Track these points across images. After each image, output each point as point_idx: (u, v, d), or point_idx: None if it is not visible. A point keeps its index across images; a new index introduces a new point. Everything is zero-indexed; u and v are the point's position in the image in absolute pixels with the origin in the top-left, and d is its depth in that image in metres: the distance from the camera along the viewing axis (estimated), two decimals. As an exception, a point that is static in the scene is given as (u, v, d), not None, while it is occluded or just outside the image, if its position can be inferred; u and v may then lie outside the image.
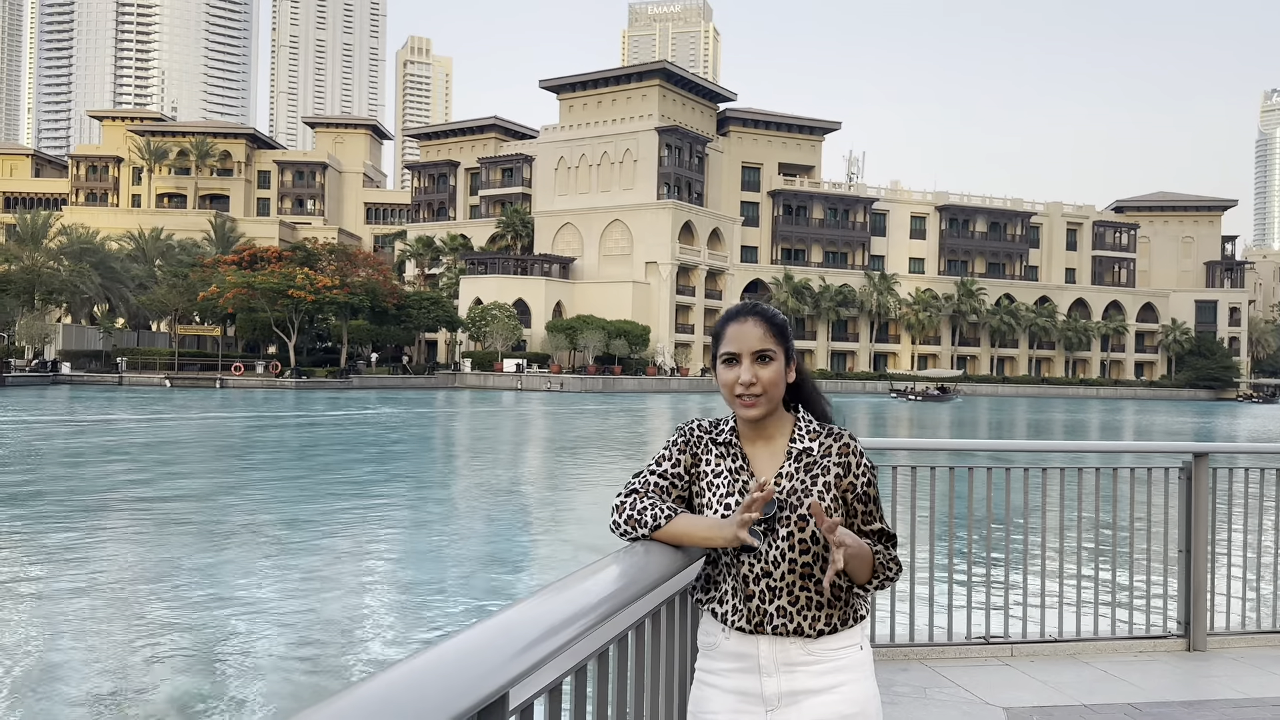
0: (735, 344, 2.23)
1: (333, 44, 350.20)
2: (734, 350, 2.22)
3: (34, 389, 66.39)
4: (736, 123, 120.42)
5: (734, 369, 2.22)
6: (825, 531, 1.99)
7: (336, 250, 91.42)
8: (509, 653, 1.33)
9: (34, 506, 16.93)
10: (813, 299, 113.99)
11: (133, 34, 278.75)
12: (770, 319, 2.26)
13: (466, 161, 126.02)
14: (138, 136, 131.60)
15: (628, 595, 1.79)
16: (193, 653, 8.74)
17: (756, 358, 2.21)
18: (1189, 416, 69.46)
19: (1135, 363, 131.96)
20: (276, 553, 13.30)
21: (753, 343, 2.21)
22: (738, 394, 2.21)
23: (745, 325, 2.24)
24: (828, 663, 2.15)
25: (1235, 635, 6.13)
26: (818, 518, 2.00)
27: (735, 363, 2.22)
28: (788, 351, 2.26)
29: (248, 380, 79.18)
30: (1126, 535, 6.19)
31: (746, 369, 2.20)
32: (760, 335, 2.22)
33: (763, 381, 2.19)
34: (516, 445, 33.44)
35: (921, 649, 5.63)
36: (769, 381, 2.20)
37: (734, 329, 2.25)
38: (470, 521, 16.74)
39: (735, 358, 2.22)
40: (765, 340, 2.22)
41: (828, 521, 1.99)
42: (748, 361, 2.20)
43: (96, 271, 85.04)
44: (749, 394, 2.19)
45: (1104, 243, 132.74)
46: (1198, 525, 5.98)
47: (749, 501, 2.00)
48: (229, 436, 33.10)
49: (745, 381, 2.19)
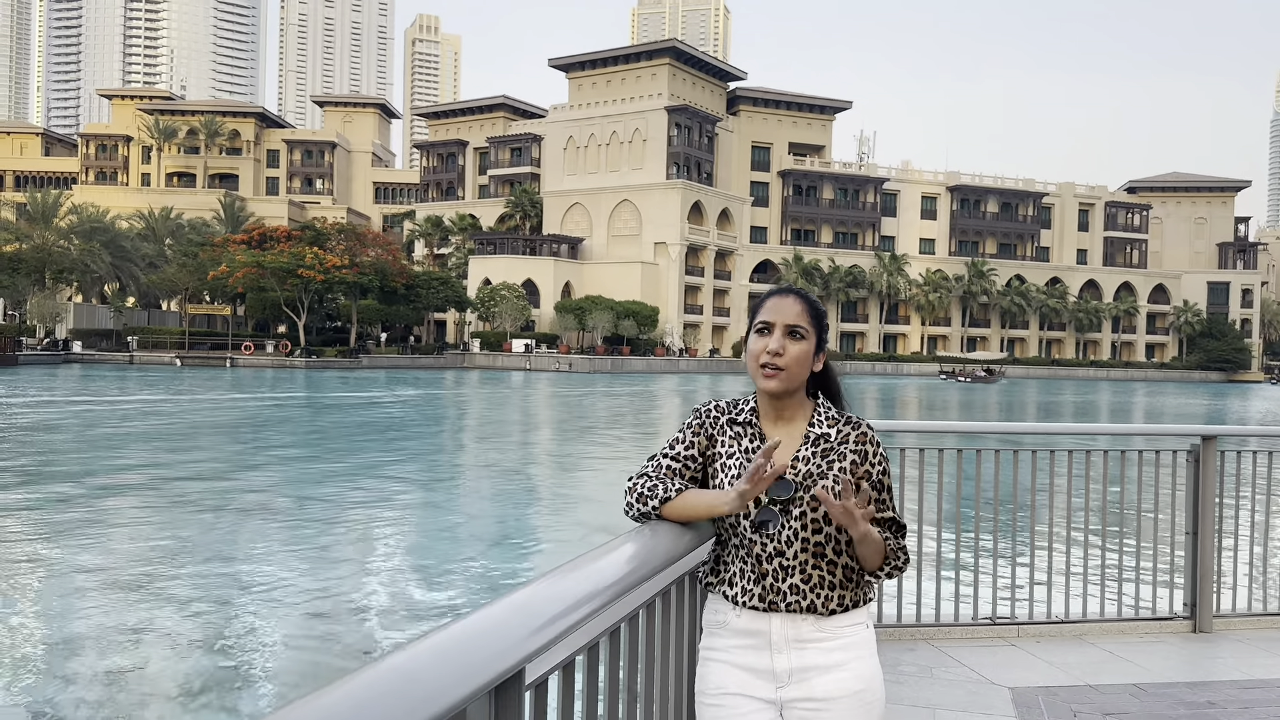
0: (772, 314, 2.29)
1: (341, 22, 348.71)
2: (769, 319, 2.28)
3: (45, 368, 66.76)
4: (747, 102, 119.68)
5: (765, 338, 2.27)
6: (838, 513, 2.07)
7: (346, 230, 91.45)
8: (525, 630, 1.36)
9: (47, 487, 17.08)
10: (822, 280, 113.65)
11: (141, 12, 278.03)
12: (808, 301, 2.32)
13: (475, 141, 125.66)
14: (147, 115, 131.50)
15: (639, 575, 1.82)
16: (206, 631, 8.85)
17: (789, 331, 2.26)
18: (1201, 398, 69.18)
19: (1146, 344, 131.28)
20: (288, 532, 13.42)
21: (789, 316, 2.27)
22: (763, 363, 2.25)
23: (785, 300, 2.30)
24: (837, 639, 2.19)
25: (1241, 617, 6.16)
26: (826, 502, 2.07)
27: (768, 332, 2.27)
28: (820, 339, 2.31)
29: (258, 360, 79.44)
30: (1134, 517, 6.20)
31: (777, 338, 2.25)
32: (798, 311, 2.28)
33: (789, 355, 2.24)
34: (526, 426, 33.53)
35: (928, 629, 5.67)
36: (794, 358, 2.24)
37: (774, 301, 2.31)
38: (482, 502, 16.84)
39: (769, 327, 2.27)
40: (801, 317, 2.27)
41: (836, 505, 2.07)
42: (779, 332, 2.25)
43: (107, 250, 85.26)
44: (774, 364, 2.24)
45: (1116, 223, 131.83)
46: (1205, 508, 5.99)
47: (754, 468, 2.03)
48: (241, 416, 33.26)
49: (773, 350, 2.24)
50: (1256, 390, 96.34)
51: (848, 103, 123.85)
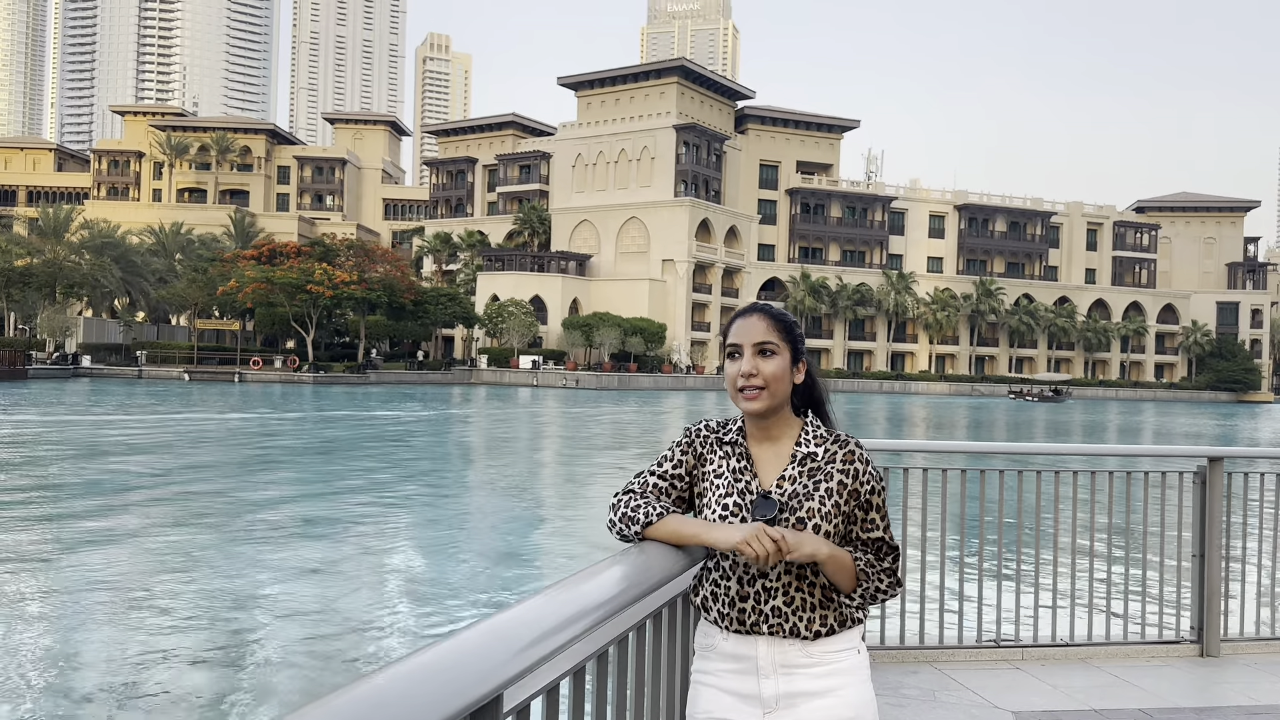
0: (739, 336, 2.27)
1: (353, 40, 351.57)
2: (737, 342, 2.27)
3: (55, 382, 67.04)
4: (755, 120, 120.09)
5: (737, 362, 2.25)
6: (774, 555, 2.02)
7: (355, 246, 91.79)
8: (504, 654, 1.34)
9: (54, 502, 17.10)
10: (830, 298, 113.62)
11: (155, 30, 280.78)
12: (774, 315, 2.29)
13: (484, 158, 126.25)
14: (159, 131, 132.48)
15: (627, 597, 1.79)
16: (203, 646, 8.81)
17: (758, 350, 2.23)
18: (1210, 418, 68.78)
19: (1155, 364, 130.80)
20: (289, 547, 13.39)
21: (755, 335, 2.25)
22: (740, 387, 2.23)
23: (750, 319, 2.28)
24: (826, 665, 2.15)
25: (1249, 641, 6.08)
26: (751, 553, 2.02)
27: (738, 355, 2.26)
28: (794, 350, 2.27)
29: (266, 375, 79.63)
30: (1140, 538, 6.14)
31: (747, 360, 2.23)
32: (763, 329, 2.25)
33: (764, 374, 2.22)
34: (532, 443, 33.50)
35: (931, 651, 5.61)
36: (770, 375, 2.22)
37: (739, 323, 2.30)
38: (485, 518, 16.79)
39: (739, 350, 2.26)
40: (768, 334, 2.24)
41: (769, 548, 2.02)
42: (749, 353, 2.24)
43: (117, 265, 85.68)
44: (750, 385, 2.22)
45: (1124, 243, 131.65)
46: (1212, 530, 5.93)
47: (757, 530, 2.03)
48: (248, 432, 33.31)
49: (745, 372, 2.22)
50: (1267, 411, 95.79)
51: (855, 122, 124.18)
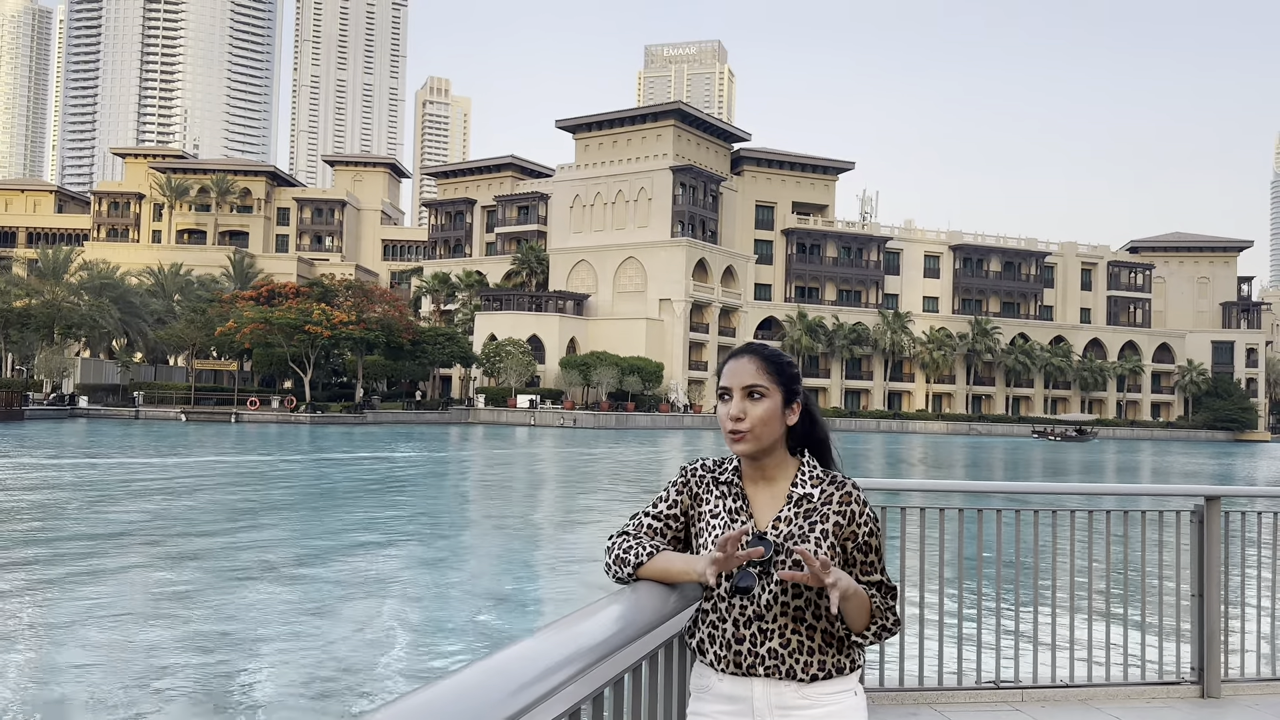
0: (729, 379, 2.27)
1: (353, 84, 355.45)
2: (727, 385, 2.27)
3: (51, 423, 66.81)
4: (751, 162, 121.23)
5: (727, 404, 2.26)
6: (818, 571, 1.98)
7: (353, 286, 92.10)
8: (500, 694, 1.32)
9: (48, 545, 16.98)
10: (826, 337, 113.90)
11: (157, 73, 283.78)
12: (766, 356, 2.28)
13: (483, 199, 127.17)
14: (159, 173, 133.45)
15: (623, 638, 1.79)
16: (199, 689, 8.72)
17: (747, 393, 2.23)
18: (1208, 457, 68.69)
19: (1152, 403, 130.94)
20: (285, 589, 13.29)
21: (744, 378, 2.25)
22: (728, 429, 2.24)
23: (740, 361, 2.28)
24: (823, 707, 2.13)
25: (1250, 682, 6.03)
26: (807, 561, 2.00)
27: (728, 398, 2.26)
28: (788, 392, 2.26)
29: (263, 415, 79.44)
30: (1139, 579, 6.11)
31: (736, 403, 2.23)
32: (753, 371, 2.25)
33: (751, 417, 2.21)
34: (529, 482, 33.37)
35: (931, 693, 5.57)
36: (758, 418, 2.21)
37: (730, 365, 2.29)
38: (482, 560, 16.69)
39: (728, 392, 2.26)
40: (757, 376, 2.24)
41: (818, 561, 1.99)
42: (738, 396, 2.24)
43: (116, 306, 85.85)
44: (737, 428, 2.22)
45: (1119, 283, 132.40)
46: (1210, 569, 5.91)
47: (724, 540, 2.01)
48: (245, 473, 33.17)
49: (733, 415, 2.23)
50: (1264, 449, 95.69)
51: (850, 163, 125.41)
